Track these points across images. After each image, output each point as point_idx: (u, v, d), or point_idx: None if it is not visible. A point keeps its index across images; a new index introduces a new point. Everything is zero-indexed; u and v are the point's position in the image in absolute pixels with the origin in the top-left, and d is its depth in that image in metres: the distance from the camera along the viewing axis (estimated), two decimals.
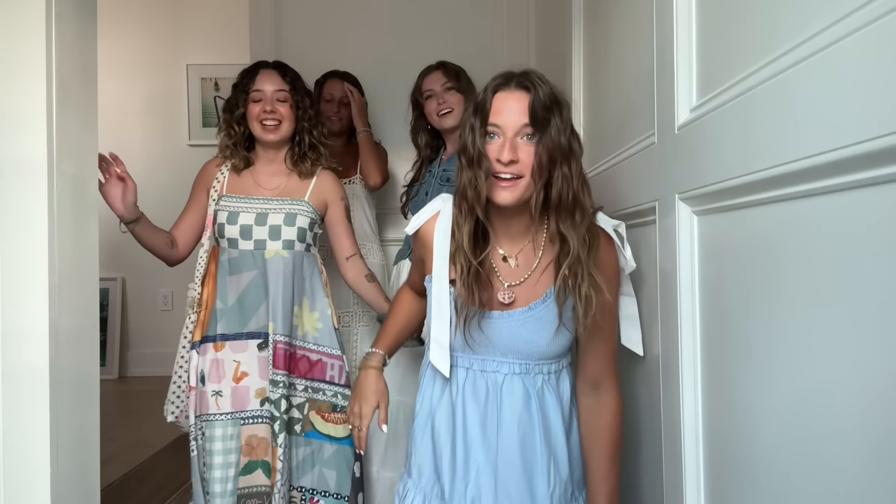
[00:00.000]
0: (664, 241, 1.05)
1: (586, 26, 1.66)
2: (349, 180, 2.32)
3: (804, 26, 0.65)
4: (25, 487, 1.19)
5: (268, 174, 1.79)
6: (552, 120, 1.05)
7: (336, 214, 1.84)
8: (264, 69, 1.77)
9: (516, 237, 1.15)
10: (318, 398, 1.78)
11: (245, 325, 1.71)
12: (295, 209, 1.75)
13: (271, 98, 1.73)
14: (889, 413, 0.54)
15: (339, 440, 1.78)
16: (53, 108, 1.22)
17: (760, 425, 0.77)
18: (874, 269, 0.55)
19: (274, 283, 1.71)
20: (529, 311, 1.11)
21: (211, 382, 1.68)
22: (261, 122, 1.72)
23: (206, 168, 1.82)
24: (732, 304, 0.84)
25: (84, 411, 1.37)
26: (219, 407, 1.68)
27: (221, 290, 1.71)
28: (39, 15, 1.20)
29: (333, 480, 1.76)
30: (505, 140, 1.06)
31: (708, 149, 0.87)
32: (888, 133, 0.51)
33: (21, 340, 1.19)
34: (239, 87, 1.76)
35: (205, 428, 1.67)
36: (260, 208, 1.74)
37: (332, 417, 1.78)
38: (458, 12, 2.61)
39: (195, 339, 1.72)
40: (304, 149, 1.79)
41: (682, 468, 0.97)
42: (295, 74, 1.80)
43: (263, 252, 1.71)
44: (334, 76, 2.32)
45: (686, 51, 0.96)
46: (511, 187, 1.06)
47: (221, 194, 1.76)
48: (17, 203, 1.20)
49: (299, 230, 1.74)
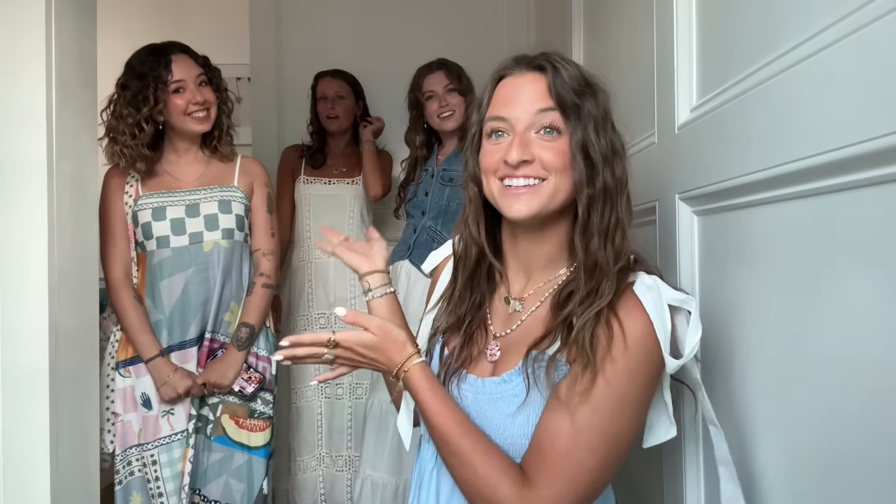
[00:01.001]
0: (664, 241, 1.05)
1: (586, 26, 1.66)
2: (352, 181, 2.30)
3: (804, 26, 0.65)
4: (25, 487, 1.19)
5: (183, 165, 1.61)
6: (584, 106, 0.77)
7: (257, 201, 1.67)
8: (175, 55, 1.55)
9: (536, 272, 0.85)
10: (233, 401, 1.60)
11: (188, 329, 1.55)
12: (227, 195, 1.59)
13: (195, 86, 1.55)
14: (889, 413, 0.54)
15: (253, 450, 1.61)
16: (53, 109, 1.22)
17: (760, 425, 0.77)
18: (874, 269, 0.55)
19: (213, 277, 1.56)
20: (503, 382, 0.79)
21: (160, 403, 1.53)
22: (191, 115, 1.54)
23: (113, 177, 1.58)
24: (732, 303, 0.84)
25: (83, 411, 1.37)
26: (172, 427, 1.54)
27: (157, 299, 1.54)
28: (39, 15, 1.20)
29: (240, 494, 1.59)
30: (514, 136, 0.78)
31: (708, 149, 0.87)
32: (888, 133, 0.51)
33: (21, 340, 1.19)
34: (148, 79, 1.50)
35: (157, 454, 1.52)
36: (188, 200, 1.57)
37: (247, 424, 1.61)
38: (458, 12, 2.60)
39: (120, 359, 1.55)
40: (223, 131, 1.63)
41: (682, 468, 0.97)
42: (203, 54, 1.63)
43: (201, 245, 1.55)
44: (325, 76, 2.30)
45: (686, 51, 0.96)
46: (528, 194, 0.77)
47: (137, 196, 1.57)
48: (17, 203, 1.20)
49: (237, 217, 1.60)
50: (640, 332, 0.72)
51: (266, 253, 1.67)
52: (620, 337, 0.71)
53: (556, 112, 0.77)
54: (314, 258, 2.24)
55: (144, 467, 1.53)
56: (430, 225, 1.94)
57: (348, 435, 2.21)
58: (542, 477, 0.71)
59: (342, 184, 2.29)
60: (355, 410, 2.21)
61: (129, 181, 1.58)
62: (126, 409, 1.54)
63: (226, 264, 1.57)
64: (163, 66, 1.52)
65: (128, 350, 1.55)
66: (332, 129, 2.28)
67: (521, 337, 0.81)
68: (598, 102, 0.78)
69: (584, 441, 0.70)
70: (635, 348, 0.71)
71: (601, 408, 0.70)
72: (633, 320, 0.72)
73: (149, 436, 1.54)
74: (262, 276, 1.65)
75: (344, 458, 2.21)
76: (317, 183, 2.29)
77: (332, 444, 2.21)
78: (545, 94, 0.78)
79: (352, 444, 2.20)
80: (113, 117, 1.53)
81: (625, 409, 0.71)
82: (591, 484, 0.72)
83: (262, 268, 1.65)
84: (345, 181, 2.29)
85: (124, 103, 1.51)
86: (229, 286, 1.59)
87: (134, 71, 1.52)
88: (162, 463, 1.53)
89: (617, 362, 0.71)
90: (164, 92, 1.52)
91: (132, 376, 1.55)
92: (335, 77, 2.28)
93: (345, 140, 2.33)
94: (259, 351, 1.64)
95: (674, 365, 0.72)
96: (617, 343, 0.71)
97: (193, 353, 1.56)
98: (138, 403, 1.54)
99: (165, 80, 1.52)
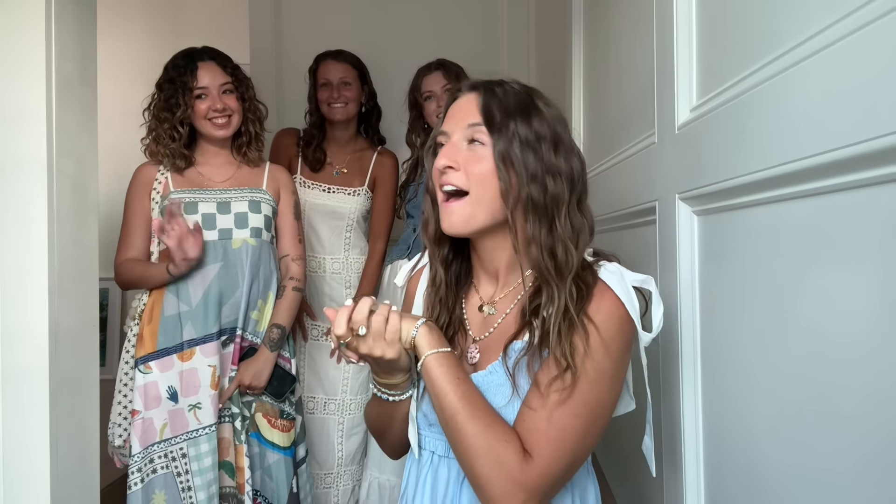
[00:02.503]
0: (664, 241, 1.05)
1: (586, 26, 1.66)
2: (353, 191, 2.10)
3: (804, 26, 0.65)
4: (25, 487, 1.19)
5: (214, 167, 1.69)
6: (510, 125, 0.83)
7: (284, 207, 1.73)
8: (202, 61, 1.62)
9: (502, 276, 0.90)
10: (266, 401, 1.66)
11: (214, 323, 1.57)
12: (257, 197, 1.66)
13: (218, 93, 1.62)
14: (888, 414, 0.54)
15: (282, 450, 1.66)
16: (53, 108, 1.22)
17: (760, 425, 0.77)
18: (874, 269, 0.55)
19: (241, 274, 1.60)
20: (489, 374, 0.85)
21: (185, 397, 1.55)
22: (211, 121, 1.62)
23: (142, 173, 1.65)
24: (732, 303, 0.84)
25: (83, 411, 1.37)
26: (199, 420, 1.54)
27: (183, 292, 1.57)
28: (39, 15, 1.20)
29: (271, 490, 1.65)
30: (447, 145, 0.87)
31: (708, 149, 0.87)
32: (888, 133, 0.51)
33: (21, 340, 1.19)
34: (177, 84, 1.60)
35: (186, 447, 1.54)
36: (219, 198, 1.63)
37: (277, 424, 1.66)
38: (458, 12, 2.61)
39: (139, 355, 1.56)
40: (252, 138, 1.70)
41: (682, 468, 0.97)
42: (234, 63, 1.68)
43: (230, 242, 1.60)
44: (327, 58, 2.09)
45: (686, 51, 0.96)
46: (456, 207, 0.84)
47: (166, 193, 1.62)
48: (17, 203, 1.20)
49: (265, 218, 1.66)
50: (609, 311, 0.80)
51: (295, 258, 1.74)
52: (594, 330, 0.78)
53: (482, 126, 0.84)
54: (308, 269, 2.07)
55: (173, 461, 1.53)
56: None
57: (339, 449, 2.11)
58: (540, 447, 0.76)
59: (342, 194, 2.10)
60: (346, 427, 2.10)
61: (159, 178, 1.63)
62: (147, 405, 1.53)
63: (253, 262, 1.62)
64: (189, 72, 1.60)
65: (146, 346, 1.56)
66: (337, 118, 2.05)
67: (499, 337, 0.87)
68: (531, 124, 0.84)
69: (569, 408, 0.77)
70: (607, 327, 0.79)
71: (584, 378, 0.77)
72: (603, 299, 0.80)
73: (177, 429, 1.54)
74: (293, 279, 1.72)
75: (333, 474, 2.11)
76: (315, 189, 2.10)
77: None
78: (476, 111, 0.85)
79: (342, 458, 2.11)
80: (154, 119, 1.62)
81: (601, 378, 0.78)
82: (577, 447, 0.78)
83: (292, 272, 1.73)
84: (345, 191, 2.10)
85: (161, 106, 1.61)
86: (257, 284, 1.63)
87: (167, 74, 1.62)
88: (190, 457, 1.53)
89: (593, 350, 0.78)
90: (190, 97, 1.60)
91: (153, 371, 1.54)
92: (339, 60, 2.07)
93: (349, 132, 2.13)
94: (283, 352, 1.70)
95: (647, 339, 0.80)
96: (592, 335, 0.78)
97: (215, 347, 1.57)
98: (163, 398, 1.54)
99: (191, 85, 1.59)
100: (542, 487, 0.76)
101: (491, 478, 0.75)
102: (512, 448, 0.76)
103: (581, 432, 0.77)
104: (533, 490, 0.75)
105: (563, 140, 0.86)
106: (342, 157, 2.13)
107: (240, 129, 1.68)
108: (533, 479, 0.75)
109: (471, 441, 0.77)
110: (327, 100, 2.04)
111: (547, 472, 0.76)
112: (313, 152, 2.08)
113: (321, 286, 2.11)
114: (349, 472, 2.11)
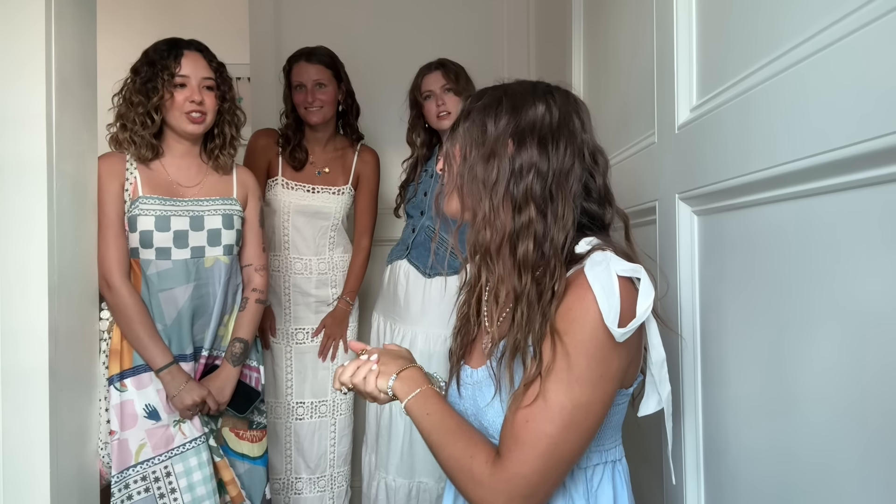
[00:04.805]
0: (664, 241, 1.05)
1: (586, 26, 1.66)
2: (337, 190, 2.08)
3: (804, 26, 0.65)
4: (25, 487, 1.19)
5: (181, 168, 1.57)
6: (460, 128, 0.87)
7: (250, 214, 1.64)
8: (188, 50, 1.53)
9: None
10: (232, 414, 1.60)
11: (188, 343, 1.52)
12: (230, 209, 1.58)
13: (198, 86, 1.52)
14: (887, 414, 0.54)
15: (253, 460, 1.63)
16: (53, 109, 1.22)
17: (760, 424, 0.77)
18: (873, 268, 0.55)
19: (213, 294, 1.54)
20: (481, 371, 0.89)
21: (169, 413, 1.48)
22: (187, 114, 1.50)
23: (110, 165, 1.49)
24: (732, 303, 0.84)
25: (83, 411, 1.37)
26: (185, 435, 1.49)
27: (157, 311, 1.48)
28: (39, 15, 1.20)
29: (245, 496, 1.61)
30: None
31: (708, 149, 0.87)
32: (888, 133, 0.51)
33: (21, 340, 1.19)
34: (157, 67, 1.49)
35: (171, 465, 1.46)
36: (193, 210, 1.53)
37: (246, 435, 1.62)
38: (458, 12, 2.60)
39: (113, 372, 1.45)
40: (226, 142, 1.59)
41: (682, 468, 0.97)
42: (220, 62, 1.59)
43: (202, 260, 1.53)
44: (299, 59, 2.01)
45: (686, 51, 0.96)
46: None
47: (136, 196, 1.49)
48: (17, 203, 1.20)
49: (237, 233, 1.58)
50: (582, 309, 0.76)
51: (258, 268, 1.66)
52: (564, 331, 0.76)
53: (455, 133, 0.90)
54: (294, 272, 2.05)
55: (156, 482, 1.45)
56: (429, 225, 1.94)
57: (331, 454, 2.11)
58: (509, 450, 0.77)
59: (326, 193, 2.06)
60: (338, 427, 2.11)
61: (128, 176, 1.50)
62: (123, 425, 1.43)
63: (225, 281, 1.56)
64: (173, 57, 1.50)
65: (122, 362, 1.46)
66: (314, 121, 2.00)
67: (505, 328, 0.89)
68: (469, 132, 0.86)
69: (539, 411, 0.76)
70: (579, 327, 0.75)
71: (554, 378, 0.76)
72: (577, 297, 0.77)
73: (160, 448, 1.46)
74: (256, 291, 1.64)
75: (327, 477, 2.10)
76: (299, 190, 2.04)
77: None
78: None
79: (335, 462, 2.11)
80: (124, 103, 1.50)
81: (578, 380, 0.75)
82: (554, 451, 0.76)
83: (254, 283, 1.65)
84: (329, 190, 2.07)
85: (135, 90, 1.49)
86: (226, 302, 1.58)
87: (147, 57, 1.51)
88: (177, 473, 1.46)
89: (561, 352, 0.76)
90: (170, 83, 1.49)
91: (129, 389, 1.45)
92: (311, 61, 2.00)
93: (327, 132, 2.08)
94: (249, 361, 1.64)
95: (619, 333, 0.74)
96: (562, 336, 0.76)
97: (190, 367, 1.53)
98: (139, 417, 1.45)
99: (172, 71, 1.49)
100: (519, 490, 0.76)
101: (468, 491, 0.80)
102: (478, 460, 0.79)
103: (556, 436, 0.75)
104: (509, 493, 0.76)
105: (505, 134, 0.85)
106: (324, 156, 2.11)
107: (213, 130, 1.58)
108: (504, 482, 0.76)
109: (445, 464, 0.83)
110: (303, 103, 2.00)
111: (519, 474, 0.76)
112: (296, 152, 2.04)
113: (308, 288, 2.07)
114: (342, 474, 2.12)
